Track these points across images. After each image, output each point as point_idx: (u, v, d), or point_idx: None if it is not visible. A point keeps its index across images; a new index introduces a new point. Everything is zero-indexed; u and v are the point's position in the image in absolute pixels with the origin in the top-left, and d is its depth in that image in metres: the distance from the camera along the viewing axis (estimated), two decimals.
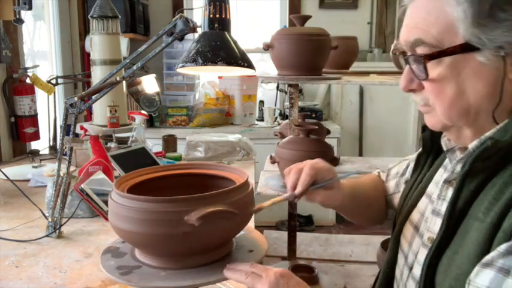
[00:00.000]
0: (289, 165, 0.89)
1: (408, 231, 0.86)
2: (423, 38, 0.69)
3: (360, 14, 3.88)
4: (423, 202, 0.86)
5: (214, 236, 0.74)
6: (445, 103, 0.70)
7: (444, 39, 0.67)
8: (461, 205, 0.70)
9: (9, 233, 1.25)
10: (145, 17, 3.53)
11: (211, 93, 3.48)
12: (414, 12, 0.72)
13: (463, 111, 0.70)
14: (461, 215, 0.70)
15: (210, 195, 0.73)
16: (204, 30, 1.13)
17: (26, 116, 2.21)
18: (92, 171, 1.41)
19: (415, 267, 0.80)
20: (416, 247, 0.81)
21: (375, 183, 1.10)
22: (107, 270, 0.75)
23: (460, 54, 0.66)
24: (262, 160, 2.17)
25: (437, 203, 0.79)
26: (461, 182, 0.70)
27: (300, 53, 1.71)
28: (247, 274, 0.71)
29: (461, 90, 0.68)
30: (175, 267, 0.75)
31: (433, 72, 0.69)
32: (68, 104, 1.18)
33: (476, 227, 0.66)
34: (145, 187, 0.84)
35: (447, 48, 0.67)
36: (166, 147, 2.13)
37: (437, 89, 0.70)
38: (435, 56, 0.68)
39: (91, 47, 1.94)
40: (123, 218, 0.72)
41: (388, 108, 3.77)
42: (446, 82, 0.69)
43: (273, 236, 2.74)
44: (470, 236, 0.66)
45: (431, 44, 0.68)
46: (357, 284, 2.11)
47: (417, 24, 0.70)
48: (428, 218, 0.80)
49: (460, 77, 0.68)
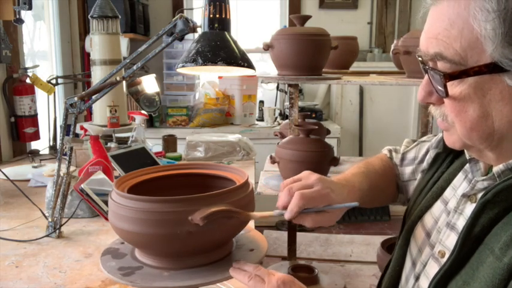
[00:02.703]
0: (289, 165, 0.87)
1: (420, 235, 0.82)
2: (444, 52, 0.61)
3: (360, 14, 3.88)
4: (438, 207, 0.81)
5: (215, 236, 0.74)
6: (467, 124, 0.63)
7: (468, 56, 0.60)
8: (477, 232, 0.65)
9: (9, 233, 1.25)
10: (145, 17, 3.53)
11: (211, 93, 3.47)
12: (435, 19, 0.63)
13: (486, 136, 0.63)
14: (476, 241, 0.65)
15: (212, 195, 0.73)
16: (204, 30, 1.13)
17: (26, 116, 2.21)
18: (92, 171, 1.41)
19: (422, 279, 0.77)
20: (426, 257, 0.78)
21: (385, 169, 1.02)
22: (108, 271, 0.75)
23: (486, 75, 0.59)
24: (262, 160, 2.17)
25: (452, 216, 0.74)
26: (480, 209, 0.64)
27: (300, 53, 1.71)
28: (250, 276, 0.71)
29: (485, 113, 0.61)
30: (176, 268, 0.75)
31: (455, 89, 0.62)
32: (68, 104, 1.18)
33: (491, 262, 0.61)
34: (146, 187, 0.84)
35: (471, 67, 0.60)
36: (166, 147, 2.13)
37: (459, 108, 0.63)
38: (456, 76, 0.61)
39: (91, 47, 1.94)
40: (125, 219, 0.72)
41: (388, 108, 3.77)
42: (469, 102, 0.62)
43: (273, 236, 2.74)
44: (484, 271, 0.62)
45: (453, 60, 0.61)
46: (357, 284, 2.11)
47: (438, 35, 0.62)
48: (442, 230, 0.76)
49: (485, 98, 0.61)
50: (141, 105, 2.57)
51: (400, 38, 1.81)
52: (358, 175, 0.94)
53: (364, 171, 0.96)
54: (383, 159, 1.05)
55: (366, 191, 0.91)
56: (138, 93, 2.56)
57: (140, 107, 2.58)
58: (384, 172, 1.01)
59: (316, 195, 0.80)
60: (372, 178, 0.96)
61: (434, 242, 0.77)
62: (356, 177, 0.93)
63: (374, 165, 1.01)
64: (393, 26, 3.92)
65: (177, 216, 0.70)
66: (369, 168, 0.99)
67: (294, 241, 2.22)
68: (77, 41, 3.15)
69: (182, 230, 0.70)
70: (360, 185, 0.91)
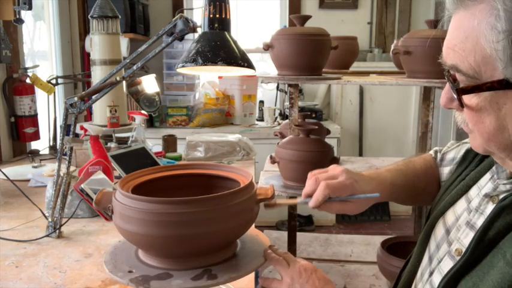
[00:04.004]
0: (289, 165, 0.89)
1: (440, 231, 0.83)
2: (459, 65, 0.62)
3: (360, 14, 3.88)
4: (461, 205, 0.81)
5: (221, 237, 0.74)
6: (484, 135, 0.64)
7: (482, 71, 0.60)
8: (492, 235, 0.65)
9: (9, 233, 1.25)
10: (145, 17, 3.53)
11: (211, 93, 3.48)
12: (454, 29, 0.63)
13: (504, 146, 0.64)
14: (491, 244, 0.65)
15: (219, 196, 0.73)
16: (204, 30, 1.13)
17: (26, 116, 2.21)
18: (92, 171, 1.41)
19: (436, 275, 0.77)
20: (442, 254, 0.78)
21: (427, 168, 1.02)
22: (114, 274, 0.74)
23: (499, 90, 0.59)
24: (262, 160, 2.17)
25: (473, 215, 0.74)
26: (497, 213, 0.65)
27: (300, 53, 1.71)
28: (278, 260, 0.79)
29: (501, 125, 0.61)
30: (182, 268, 0.74)
31: (472, 100, 0.62)
32: (68, 104, 1.18)
33: (502, 267, 0.61)
34: (149, 187, 0.83)
35: (485, 82, 0.60)
36: (166, 147, 2.13)
37: (476, 118, 0.63)
38: (469, 91, 0.61)
39: (91, 47, 1.94)
40: (131, 220, 0.71)
41: (388, 108, 3.77)
42: (485, 114, 0.62)
43: (273, 236, 2.74)
44: (494, 275, 0.62)
45: (467, 74, 0.61)
46: (357, 284, 2.11)
47: (454, 47, 0.62)
48: (461, 228, 0.76)
49: (501, 112, 0.60)
50: (141, 105, 2.57)
51: (400, 38, 1.81)
52: (393, 171, 0.97)
53: (402, 168, 0.99)
54: (426, 158, 1.05)
55: (399, 187, 0.94)
56: (138, 93, 2.56)
57: (140, 107, 2.58)
58: (425, 171, 1.01)
59: (340, 185, 0.85)
60: (410, 176, 0.98)
61: (452, 240, 0.77)
62: (390, 172, 0.96)
63: (415, 164, 1.02)
64: (393, 26, 3.92)
65: (184, 218, 0.69)
66: (409, 166, 1.01)
67: (294, 241, 2.21)
68: (77, 41, 3.15)
69: (188, 232, 0.69)
70: (393, 180, 0.93)
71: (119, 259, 0.78)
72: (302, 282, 0.76)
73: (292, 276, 0.77)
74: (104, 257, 0.80)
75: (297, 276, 0.76)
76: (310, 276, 0.76)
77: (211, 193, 0.76)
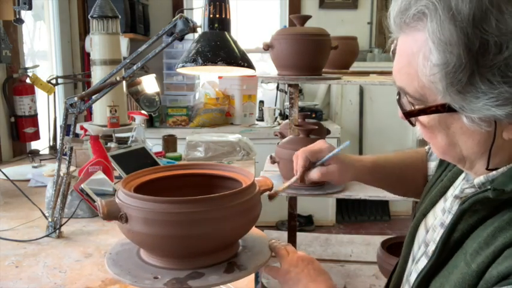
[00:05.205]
0: (289, 165, 0.93)
1: (421, 233, 0.84)
2: (406, 89, 0.63)
3: (360, 14, 3.88)
4: (440, 205, 0.82)
5: (224, 236, 0.74)
6: (439, 149, 0.67)
7: (427, 94, 0.61)
8: (456, 237, 0.67)
9: (9, 233, 1.25)
10: (146, 17, 3.53)
11: (211, 93, 3.47)
12: (398, 53, 0.65)
13: (458, 160, 0.67)
14: (456, 245, 0.67)
15: (222, 196, 0.73)
16: (204, 30, 1.13)
17: (26, 116, 2.21)
18: (92, 171, 1.41)
19: (412, 275, 0.78)
20: (420, 254, 0.79)
21: (416, 160, 1.04)
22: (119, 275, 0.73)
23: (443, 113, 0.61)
24: (262, 160, 2.17)
25: (446, 216, 0.76)
26: (459, 216, 0.67)
27: (300, 53, 1.71)
28: (280, 247, 0.83)
29: (452, 142, 0.64)
30: (183, 268, 0.74)
31: (422, 119, 0.65)
32: (68, 104, 1.18)
33: (462, 268, 0.63)
34: (151, 187, 0.83)
35: (430, 106, 0.61)
36: (166, 147, 2.13)
37: (429, 134, 0.66)
38: (416, 114, 0.64)
39: (91, 47, 1.94)
40: (133, 219, 0.71)
41: (388, 108, 3.76)
42: (436, 131, 0.64)
43: (273, 236, 2.74)
44: (456, 275, 0.63)
45: (414, 97, 0.63)
46: (357, 284, 2.11)
47: (400, 70, 0.64)
48: (437, 229, 0.77)
49: (450, 130, 0.63)
50: (141, 105, 2.58)
51: None
52: (377, 155, 1.01)
53: (388, 154, 1.03)
54: (419, 151, 1.07)
55: (382, 167, 0.99)
56: (138, 93, 2.56)
57: (140, 107, 2.58)
58: (413, 162, 1.04)
59: (318, 148, 0.94)
60: (395, 160, 1.03)
61: (429, 240, 0.79)
62: (373, 155, 1.01)
63: (404, 153, 1.06)
64: None
65: (187, 217, 0.69)
66: (397, 153, 1.05)
67: (294, 241, 2.22)
68: (77, 41, 3.15)
69: (191, 231, 0.69)
70: (375, 160, 0.99)
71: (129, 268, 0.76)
72: (298, 271, 0.79)
73: (290, 264, 0.80)
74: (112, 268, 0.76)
75: (294, 265, 0.80)
76: (306, 266, 0.80)
77: (212, 193, 0.77)
